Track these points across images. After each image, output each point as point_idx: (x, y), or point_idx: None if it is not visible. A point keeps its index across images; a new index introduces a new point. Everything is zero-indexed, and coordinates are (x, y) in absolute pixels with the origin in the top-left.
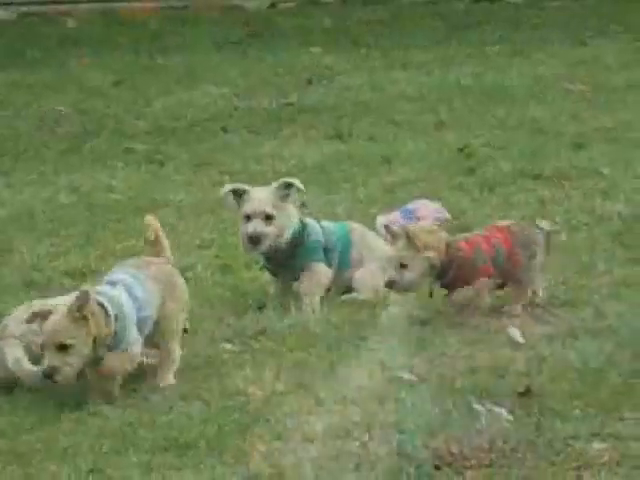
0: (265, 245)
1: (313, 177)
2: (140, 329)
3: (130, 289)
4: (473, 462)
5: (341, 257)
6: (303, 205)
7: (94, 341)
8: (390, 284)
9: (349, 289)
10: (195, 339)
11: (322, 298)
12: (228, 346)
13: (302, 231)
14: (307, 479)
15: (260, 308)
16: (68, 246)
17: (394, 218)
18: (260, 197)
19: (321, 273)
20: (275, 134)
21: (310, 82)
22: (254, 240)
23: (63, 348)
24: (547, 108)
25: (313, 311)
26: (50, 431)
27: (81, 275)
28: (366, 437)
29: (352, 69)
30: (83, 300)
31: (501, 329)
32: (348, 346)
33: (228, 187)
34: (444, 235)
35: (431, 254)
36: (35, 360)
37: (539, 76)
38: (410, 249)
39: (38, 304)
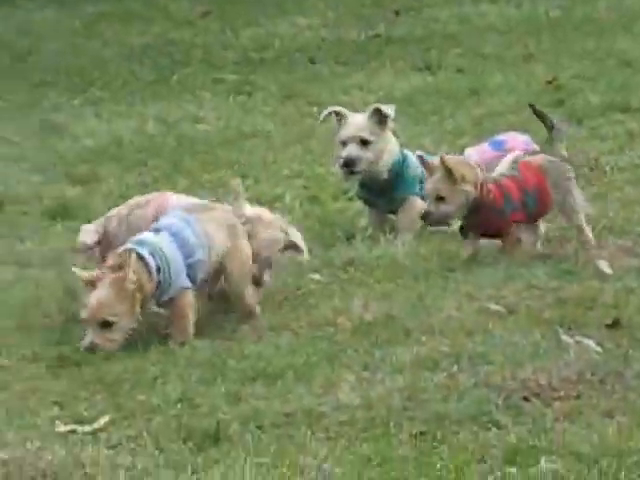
0: (360, 170)
1: (401, 109)
2: (192, 275)
3: (178, 234)
4: (561, 393)
5: None
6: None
7: (140, 302)
8: (425, 216)
9: None
10: (285, 270)
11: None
12: (316, 277)
13: (402, 162)
14: (395, 409)
15: (348, 239)
16: (156, 176)
17: (483, 150)
18: (356, 122)
19: (418, 209)
20: (363, 66)
21: (398, 14)
22: (348, 164)
23: (106, 325)
24: (636, 40)
25: (403, 243)
26: (138, 361)
27: None
28: (454, 368)
29: (440, 1)
30: (122, 262)
31: (589, 261)
32: (436, 277)
33: (330, 109)
34: (480, 172)
35: (468, 188)
36: None
37: (627, 7)
38: (447, 182)
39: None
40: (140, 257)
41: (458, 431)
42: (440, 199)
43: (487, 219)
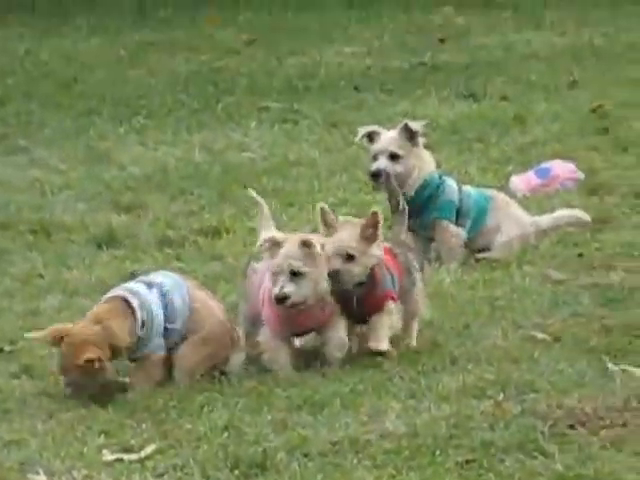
0: (388, 182)
1: (446, 137)
2: (166, 340)
3: (166, 295)
4: (607, 422)
5: (474, 223)
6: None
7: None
8: (332, 274)
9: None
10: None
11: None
12: None
13: (438, 186)
14: (441, 437)
15: None
16: (202, 204)
17: (528, 177)
18: (387, 137)
19: (450, 231)
20: (408, 93)
21: (443, 41)
22: (375, 176)
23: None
24: None
25: (448, 271)
26: (185, 389)
27: (216, 233)
28: (500, 396)
29: (484, 29)
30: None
31: (635, 288)
32: (482, 305)
33: (362, 131)
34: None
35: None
36: None
37: None
38: (362, 241)
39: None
40: (129, 306)
41: (504, 459)
42: (350, 258)
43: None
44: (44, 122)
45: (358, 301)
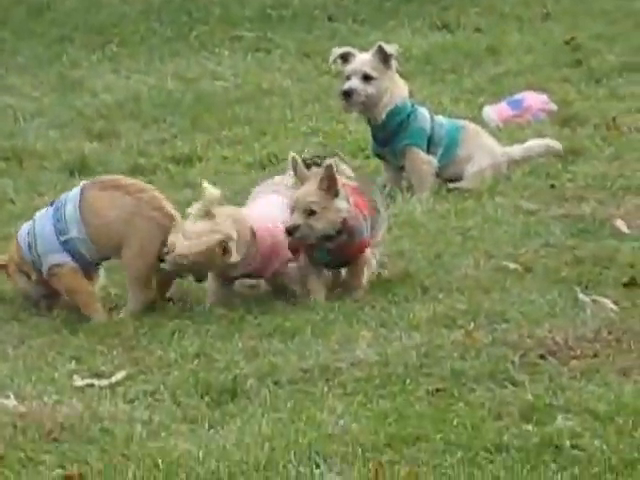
0: (358, 102)
1: (419, 67)
2: (72, 251)
3: (59, 209)
4: (578, 352)
5: (445, 151)
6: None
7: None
8: (292, 229)
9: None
10: None
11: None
12: None
13: (409, 113)
14: (412, 366)
15: None
16: (174, 132)
17: (501, 108)
18: (361, 58)
19: (423, 162)
20: (381, 24)
21: None
22: (346, 95)
23: (311, 213)
24: None
25: (419, 200)
26: (156, 316)
27: (187, 161)
28: (471, 326)
29: None
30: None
31: (606, 220)
32: (453, 235)
33: (336, 52)
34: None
35: (344, 205)
36: None
37: None
38: (324, 195)
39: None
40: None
41: (475, 388)
42: (311, 213)
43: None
44: (16, 49)
45: (332, 252)
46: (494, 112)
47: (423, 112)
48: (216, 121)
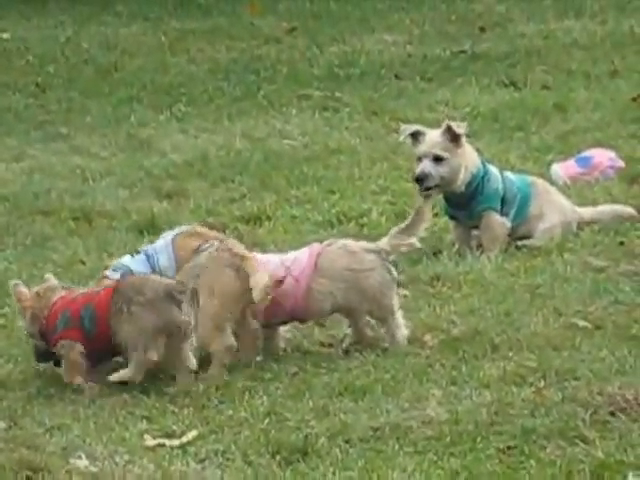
0: (432, 185)
1: (486, 125)
2: None
3: (151, 257)
4: None
5: (518, 210)
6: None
7: None
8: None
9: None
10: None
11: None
12: (403, 291)
13: (483, 177)
14: (482, 424)
15: (435, 254)
16: (243, 192)
17: (569, 165)
18: (431, 139)
19: (496, 222)
20: (448, 82)
21: (483, 30)
22: (421, 179)
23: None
24: None
25: (489, 259)
26: (225, 374)
27: (257, 220)
28: (541, 383)
29: (525, 17)
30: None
31: None
32: (523, 293)
33: (407, 130)
34: None
35: None
36: None
37: None
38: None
39: None
40: None
41: (545, 446)
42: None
43: None
44: (85, 109)
45: None
46: (562, 170)
47: (494, 171)
48: (284, 180)
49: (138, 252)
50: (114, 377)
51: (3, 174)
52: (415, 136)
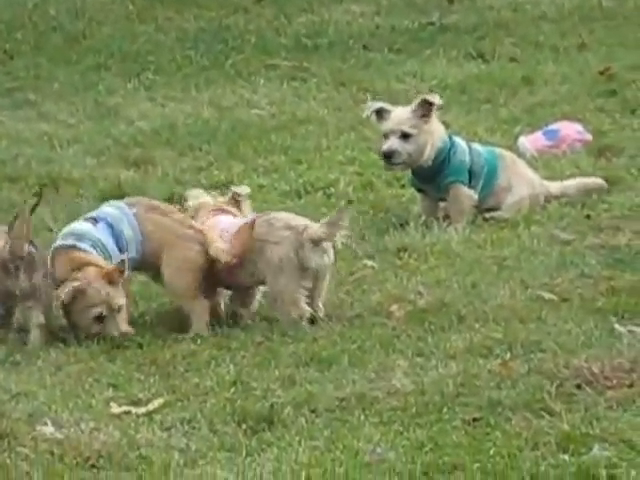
0: (399, 162)
1: (454, 97)
2: None
3: (115, 226)
4: (614, 382)
5: (486, 182)
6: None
7: None
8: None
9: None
10: (338, 256)
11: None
12: (369, 263)
13: (449, 149)
14: (449, 395)
15: (402, 225)
16: (210, 160)
17: (536, 138)
18: (398, 116)
19: (464, 194)
20: (416, 53)
21: (451, 2)
22: (387, 156)
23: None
24: None
25: (456, 230)
26: (192, 344)
27: (224, 189)
28: (507, 355)
29: None
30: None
31: None
32: (489, 265)
33: (372, 107)
34: None
35: None
36: None
37: None
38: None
39: None
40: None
41: (511, 418)
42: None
43: None
44: (53, 76)
45: None
46: (529, 142)
47: (461, 144)
48: (252, 150)
49: (94, 219)
50: None
51: None
52: (380, 113)
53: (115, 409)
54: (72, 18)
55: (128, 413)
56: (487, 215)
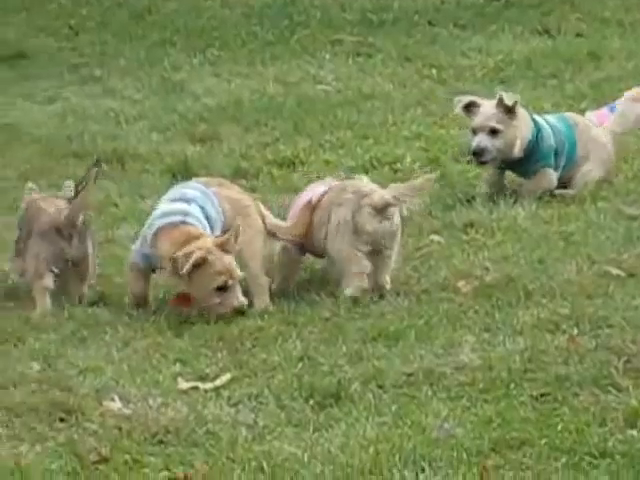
0: (489, 159)
1: (520, 72)
2: None
3: (204, 207)
4: None
5: (568, 158)
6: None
7: None
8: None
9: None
10: (405, 231)
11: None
12: (436, 238)
13: (536, 136)
14: (516, 371)
15: (468, 201)
16: (276, 136)
17: (602, 114)
18: (486, 111)
19: (548, 179)
20: (482, 28)
21: None
22: (477, 154)
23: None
24: None
25: (522, 206)
26: (259, 320)
27: (290, 165)
28: (575, 331)
29: None
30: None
31: None
32: (556, 240)
33: (461, 102)
34: None
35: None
36: None
37: None
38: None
39: None
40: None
41: (579, 393)
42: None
43: None
44: (118, 52)
45: None
46: (596, 118)
47: (545, 127)
48: (318, 125)
49: (185, 201)
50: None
51: (37, 116)
52: (469, 107)
53: (182, 384)
54: None
55: (195, 388)
56: (557, 192)
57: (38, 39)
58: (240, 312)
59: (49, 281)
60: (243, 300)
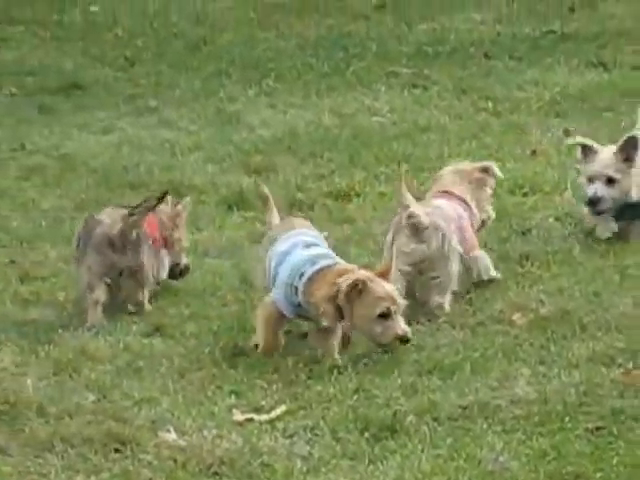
0: (605, 208)
1: (575, 105)
2: None
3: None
4: None
5: None
6: None
7: None
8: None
9: None
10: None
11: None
12: (492, 272)
13: None
14: (571, 404)
15: (524, 233)
16: (332, 168)
17: None
18: (604, 159)
19: None
20: (537, 61)
21: (572, 10)
22: (593, 203)
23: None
24: None
25: (577, 239)
26: (314, 352)
27: (346, 197)
28: (630, 364)
29: None
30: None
31: None
32: (612, 273)
33: (577, 141)
34: None
35: None
36: None
37: None
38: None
39: None
40: None
41: (634, 427)
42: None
43: None
44: (174, 83)
45: None
46: None
47: None
48: (373, 157)
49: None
50: None
51: (93, 147)
52: (585, 151)
53: (238, 416)
54: (193, 25)
55: (250, 420)
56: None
57: (94, 70)
58: (404, 341)
59: (100, 293)
60: (406, 329)
